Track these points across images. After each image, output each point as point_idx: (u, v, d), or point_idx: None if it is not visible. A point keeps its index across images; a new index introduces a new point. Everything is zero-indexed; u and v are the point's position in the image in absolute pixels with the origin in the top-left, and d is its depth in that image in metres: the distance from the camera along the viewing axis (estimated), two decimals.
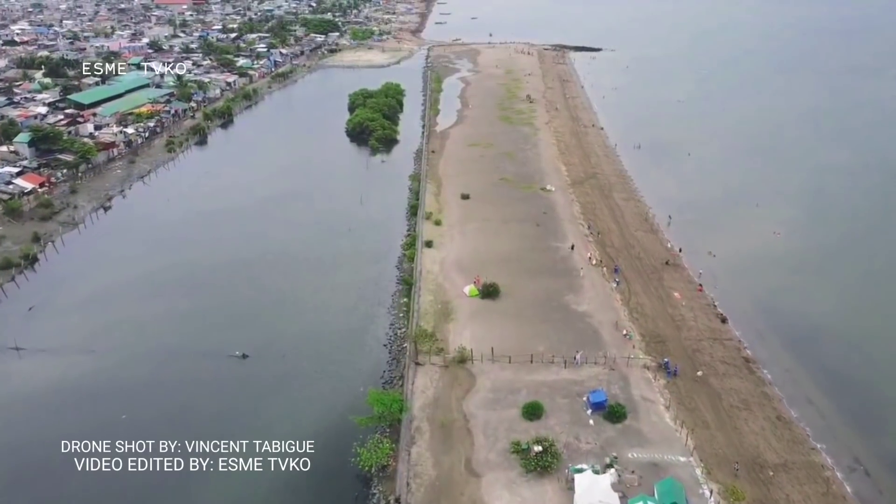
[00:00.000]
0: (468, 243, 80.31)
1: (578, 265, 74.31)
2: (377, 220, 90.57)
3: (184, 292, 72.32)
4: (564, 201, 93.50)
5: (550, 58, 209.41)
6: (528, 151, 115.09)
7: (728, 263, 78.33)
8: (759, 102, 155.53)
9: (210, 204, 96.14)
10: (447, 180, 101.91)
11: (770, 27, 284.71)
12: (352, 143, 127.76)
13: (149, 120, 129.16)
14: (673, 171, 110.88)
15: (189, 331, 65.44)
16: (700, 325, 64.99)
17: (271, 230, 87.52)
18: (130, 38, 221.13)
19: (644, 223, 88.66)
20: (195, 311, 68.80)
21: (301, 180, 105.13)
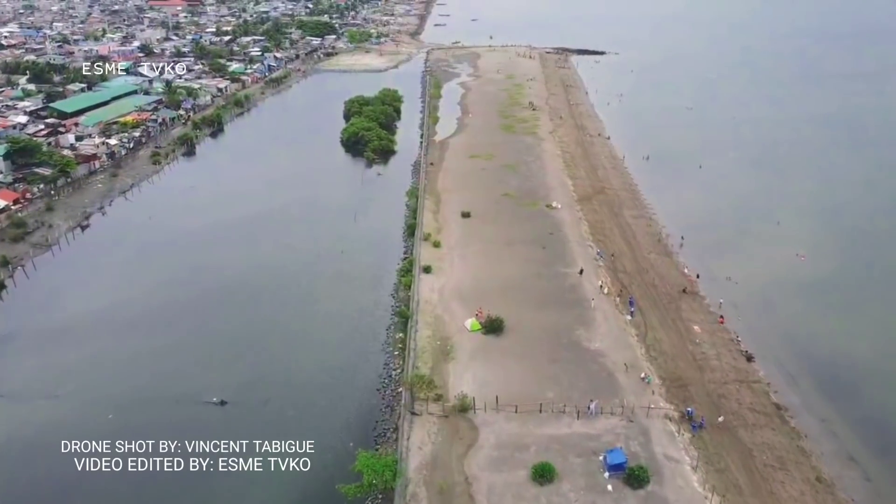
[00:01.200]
0: (469, 269, 74.57)
1: (589, 294, 68.57)
2: (372, 240, 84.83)
3: (161, 325, 66.55)
4: (571, 220, 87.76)
5: (553, 61, 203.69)
6: (532, 164, 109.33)
7: (749, 291, 72.70)
8: (770, 109, 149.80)
9: (194, 221, 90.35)
10: (446, 196, 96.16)
11: (775, 30, 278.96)
12: (347, 153, 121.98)
13: (134, 129, 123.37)
14: (684, 184, 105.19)
15: (164, 371, 59.62)
16: (724, 365, 59.29)
17: (258, 252, 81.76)
18: (121, 42, 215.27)
19: (657, 244, 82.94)
20: (172, 348, 63.01)
21: (292, 195, 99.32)
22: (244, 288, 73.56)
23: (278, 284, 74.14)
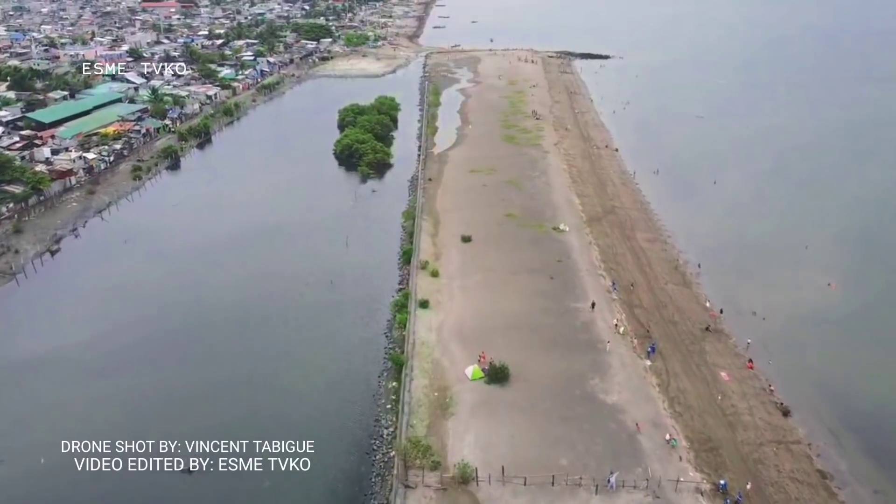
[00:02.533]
0: (470, 303, 67.90)
1: (603, 334, 61.92)
2: (364, 268, 78.08)
3: (125, 369, 59.84)
4: (581, 244, 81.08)
5: (556, 66, 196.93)
6: (537, 180, 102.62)
7: (778, 327, 66.14)
8: (785, 117, 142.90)
9: (173, 245, 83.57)
10: (445, 216, 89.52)
11: (783, 32, 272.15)
12: (340, 167, 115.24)
13: (115, 141, 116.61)
14: (698, 202, 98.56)
15: (124, 424, 52.77)
16: (758, 421, 52.62)
17: (241, 282, 75.04)
18: (110, 45, 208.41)
19: (674, 273, 76.25)
20: (134, 397, 56.27)
21: (280, 215, 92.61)
22: (223, 324, 66.91)
23: (261, 319, 67.44)
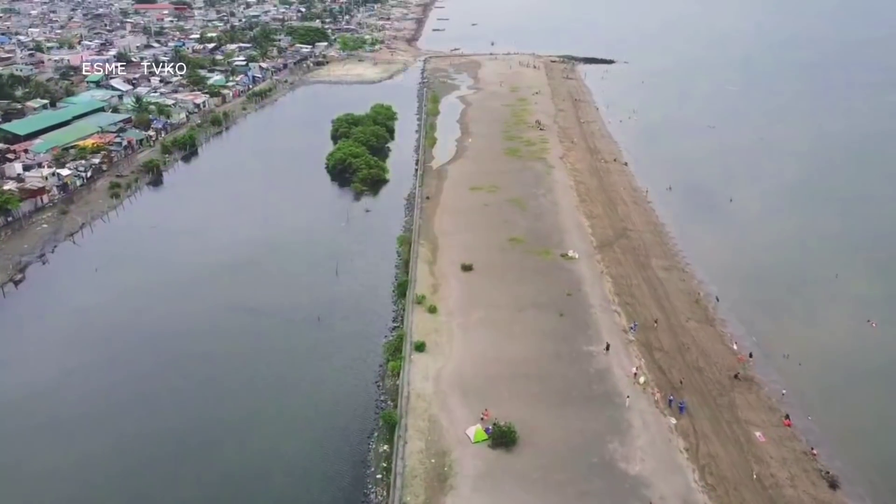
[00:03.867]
0: (472, 345, 61.13)
1: (621, 385, 55.21)
2: (355, 302, 71.26)
3: (78, 428, 52.95)
4: (592, 274, 74.32)
5: (559, 71, 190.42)
6: (542, 198, 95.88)
7: (815, 374, 59.47)
8: (802, 127, 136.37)
9: (147, 275, 76.64)
10: (444, 240, 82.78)
11: (792, 34, 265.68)
12: (332, 182, 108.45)
13: (94, 155, 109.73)
14: (716, 223, 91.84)
15: (74, 496, 46.14)
16: (802, 496, 45.83)
17: (219, 318, 68.18)
18: (99, 49, 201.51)
19: (695, 308, 69.46)
20: (86, 461, 49.43)
21: (266, 238, 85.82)
22: (196, 371, 60.09)
23: (240, 364, 60.67)
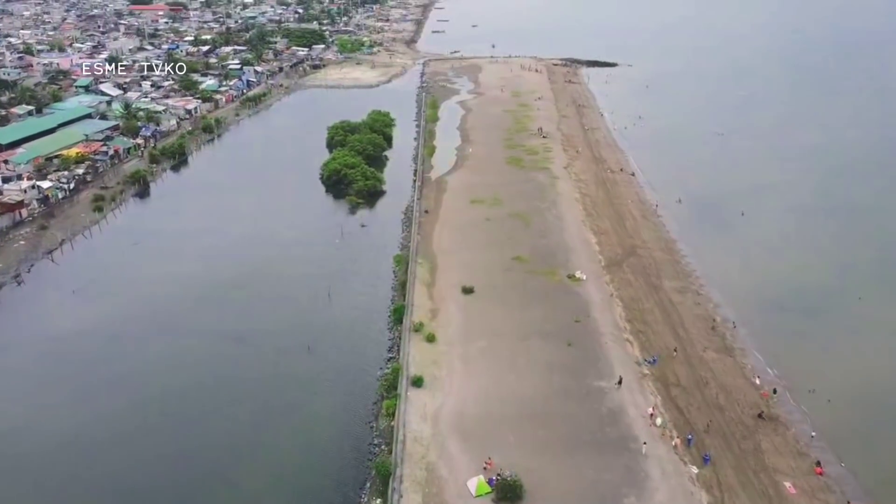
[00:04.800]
0: (473, 380, 56.56)
1: (636, 427, 50.64)
2: (348, 328, 66.62)
3: (52, 467, 48.47)
4: (601, 298, 69.73)
5: (561, 75, 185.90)
6: (547, 213, 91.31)
7: (846, 412, 55.00)
8: (815, 135, 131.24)
9: (126, 298, 71.99)
10: (444, 259, 78.22)
11: (800, 35, 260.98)
12: (327, 194, 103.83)
13: (78, 165, 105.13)
14: (728, 240, 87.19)
15: None
16: None
17: (202, 348, 63.50)
18: (90, 52, 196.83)
19: (712, 335, 64.87)
20: None
21: (255, 256, 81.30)
22: (176, 409, 55.47)
23: (221, 402, 56.09)
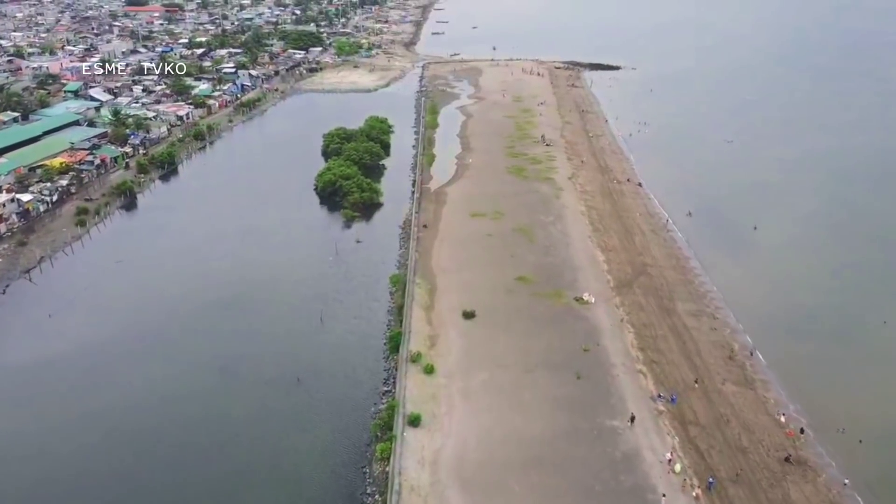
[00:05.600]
0: (475, 418, 52.23)
1: (653, 475, 46.31)
2: (342, 357, 62.30)
3: None
4: (611, 323, 65.37)
5: (564, 79, 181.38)
6: (551, 227, 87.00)
7: (879, 454, 50.86)
8: (829, 141, 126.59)
9: (106, 323, 67.69)
10: (443, 280, 73.88)
11: (809, 35, 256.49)
12: (321, 205, 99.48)
13: (62, 176, 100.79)
14: (742, 257, 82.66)
15: None
16: None
17: (183, 381, 59.07)
18: (83, 55, 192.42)
19: (731, 366, 60.49)
20: None
21: (245, 276, 76.93)
22: (152, 449, 51.18)
23: (202, 443, 51.80)
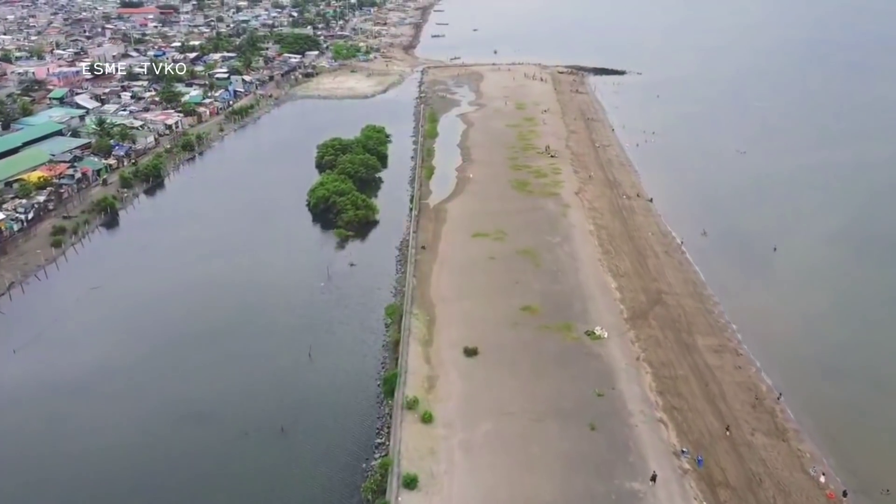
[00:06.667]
0: (478, 478, 46.64)
1: None
2: (331, 402, 56.71)
3: None
4: (627, 362, 59.77)
5: (567, 84, 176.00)
6: (558, 249, 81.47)
7: None
8: (850, 151, 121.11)
9: (73, 363, 61.84)
10: (443, 310, 68.36)
11: (818, 36, 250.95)
12: (314, 223, 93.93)
13: (40, 191, 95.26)
14: (762, 282, 76.98)
15: None
16: None
17: (153, 431, 53.14)
18: (72, 59, 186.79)
19: (760, 413, 54.87)
20: None
21: (228, 306, 71.42)
22: None
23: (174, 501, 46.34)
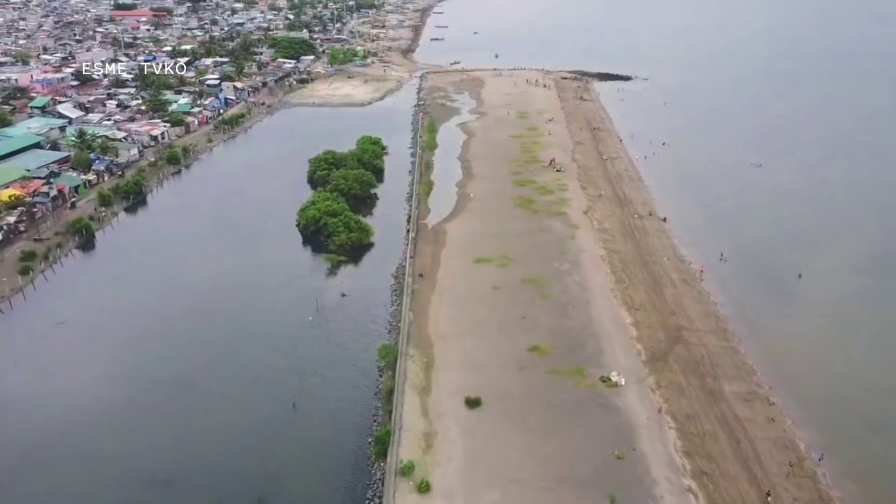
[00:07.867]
0: None
1: None
2: (317, 465, 50.38)
3: None
4: (647, 416, 53.34)
5: (572, 91, 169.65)
6: (567, 277, 75.08)
7: None
8: (873, 165, 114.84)
9: (28, 414, 55.61)
10: (442, 350, 62.00)
11: (831, 41, 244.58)
12: (304, 246, 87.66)
13: (10, 211, 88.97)
14: (788, 315, 70.94)
15: None
16: None
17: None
18: (59, 64, 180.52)
19: (800, 478, 48.48)
20: None
21: (204, 347, 65.10)
22: None
23: None
